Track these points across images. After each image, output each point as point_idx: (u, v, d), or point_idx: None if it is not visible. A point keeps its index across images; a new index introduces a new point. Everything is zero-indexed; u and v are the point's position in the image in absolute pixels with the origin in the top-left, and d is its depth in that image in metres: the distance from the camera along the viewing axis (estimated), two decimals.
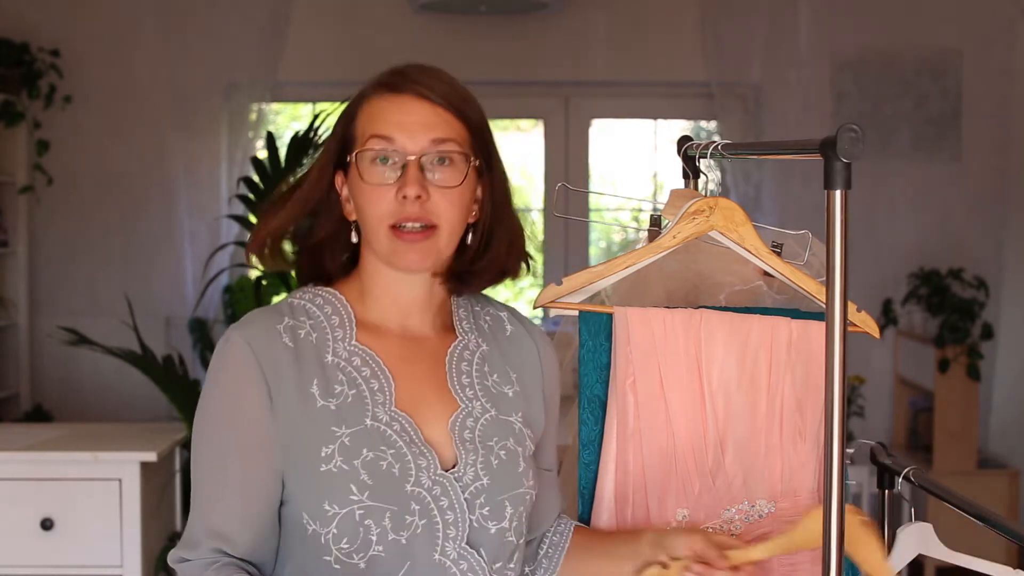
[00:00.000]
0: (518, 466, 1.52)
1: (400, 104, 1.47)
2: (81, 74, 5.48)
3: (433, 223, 1.45)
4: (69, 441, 3.62)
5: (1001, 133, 5.60)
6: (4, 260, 5.48)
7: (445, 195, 1.45)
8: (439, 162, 1.46)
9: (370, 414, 1.46)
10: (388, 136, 1.46)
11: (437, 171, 1.46)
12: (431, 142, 1.45)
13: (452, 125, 1.47)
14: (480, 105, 1.52)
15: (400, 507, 1.42)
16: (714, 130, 5.78)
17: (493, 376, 1.57)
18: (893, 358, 5.55)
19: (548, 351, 1.67)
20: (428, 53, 5.83)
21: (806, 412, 1.74)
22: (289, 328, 1.48)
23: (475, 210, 1.52)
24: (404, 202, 1.44)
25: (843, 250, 1.44)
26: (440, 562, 1.44)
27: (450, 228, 1.47)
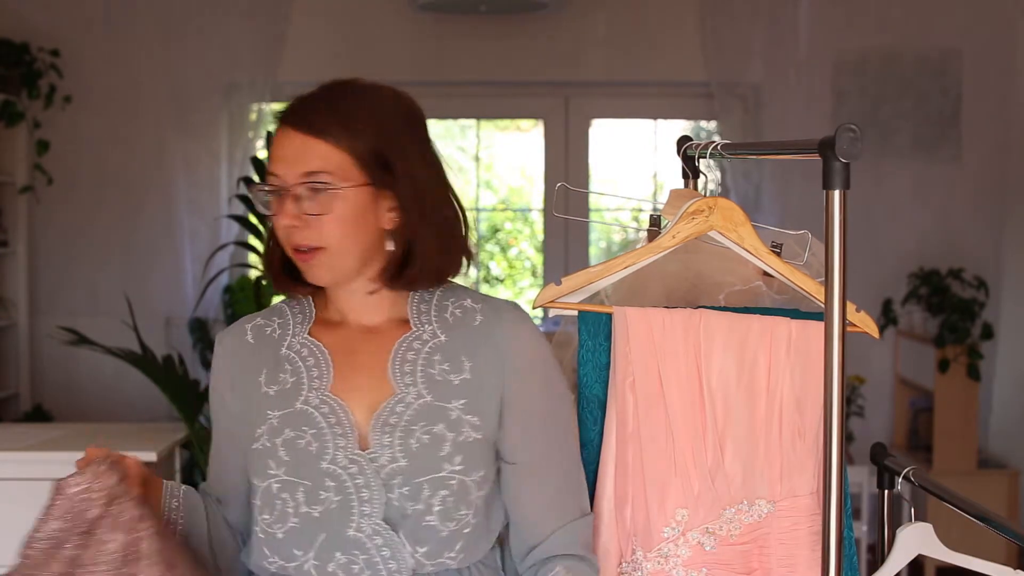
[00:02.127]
0: (440, 450, 1.58)
1: (281, 137, 1.60)
2: (81, 74, 5.48)
3: (314, 246, 1.58)
4: (69, 441, 3.62)
5: (1001, 133, 5.60)
6: (4, 260, 5.48)
7: (321, 220, 1.57)
8: (313, 191, 1.56)
9: (303, 398, 1.63)
10: (272, 171, 1.59)
11: (309, 200, 1.57)
12: (302, 175, 1.56)
13: (323, 153, 1.56)
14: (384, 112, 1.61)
15: (314, 483, 1.57)
16: (714, 130, 5.78)
17: (443, 365, 1.63)
18: (893, 358, 5.55)
19: (520, 344, 1.65)
20: (428, 53, 5.89)
21: (805, 412, 1.74)
22: (257, 327, 1.71)
23: (392, 218, 1.61)
24: (287, 230, 1.59)
25: (842, 250, 1.44)
26: (355, 537, 1.56)
27: (339, 247, 1.58)
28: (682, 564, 1.71)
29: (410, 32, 5.61)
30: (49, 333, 5.19)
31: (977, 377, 5.01)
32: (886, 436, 5.54)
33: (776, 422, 1.73)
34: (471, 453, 1.59)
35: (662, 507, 1.71)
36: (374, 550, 1.56)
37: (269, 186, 1.59)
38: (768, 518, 1.73)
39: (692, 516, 1.72)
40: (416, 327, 1.66)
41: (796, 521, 1.73)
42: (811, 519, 1.73)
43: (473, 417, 1.61)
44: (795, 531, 1.73)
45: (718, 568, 1.72)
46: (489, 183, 6.58)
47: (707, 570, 1.72)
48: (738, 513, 1.73)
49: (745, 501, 1.73)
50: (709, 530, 1.72)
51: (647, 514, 1.71)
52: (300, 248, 1.59)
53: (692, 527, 1.72)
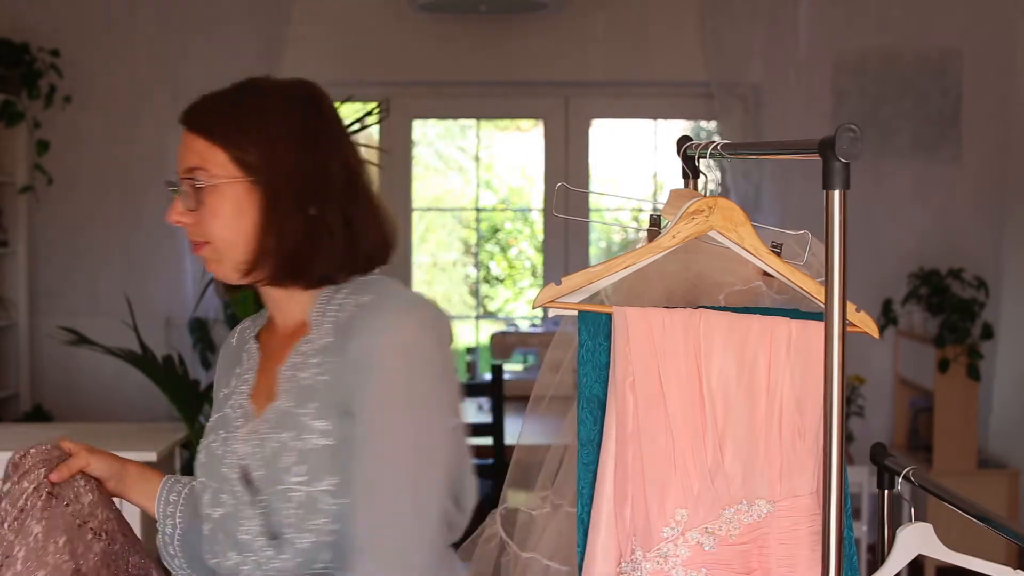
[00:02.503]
0: (283, 461, 1.55)
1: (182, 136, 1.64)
2: (81, 74, 5.48)
3: (202, 240, 1.61)
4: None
5: (1001, 133, 5.60)
6: (4, 260, 5.49)
7: (203, 216, 1.59)
8: (192, 187, 1.60)
9: (232, 402, 1.68)
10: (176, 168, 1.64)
11: (189, 196, 1.60)
12: (184, 171, 1.61)
13: (199, 150, 1.60)
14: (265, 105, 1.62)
15: (220, 486, 1.62)
16: (714, 130, 5.78)
17: (315, 368, 1.58)
18: (893, 358, 5.55)
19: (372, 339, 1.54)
20: (428, 53, 5.90)
21: (805, 412, 1.74)
22: (243, 329, 1.77)
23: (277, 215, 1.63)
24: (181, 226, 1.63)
25: (842, 250, 1.44)
26: (245, 542, 1.58)
27: (222, 241, 1.60)
28: (681, 564, 1.71)
29: (410, 32, 5.61)
30: (49, 333, 5.19)
31: (977, 377, 5.01)
32: (886, 436, 5.54)
33: (776, 422, 1.73)
34: (318, 461, 1.53)
35: (662, 507, 1.71)
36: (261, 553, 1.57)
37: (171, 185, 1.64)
38: (768, 518, 1.73)
39: (692, 516, 1.72)
40: (313, 329, 1.62)
41: (796, 521, 1.73)
42: (811, 519, 1.73)
43: (322, 422, 1.54)
44: (795, 531, 1.73)
45: (718, 568, 1.72)
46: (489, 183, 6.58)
47: (707, 570, 1.72)
48: (738, 513, 1.73)
49: (745, 501, 1.73)
50: (709, 530, 1.72)
51: (647, 514, 1.71)
52: (193, 243, 1.63)
53: (692, 527, 1.72)
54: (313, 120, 1.64)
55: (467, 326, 6.64)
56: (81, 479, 1.71)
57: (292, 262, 1.60)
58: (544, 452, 1.93)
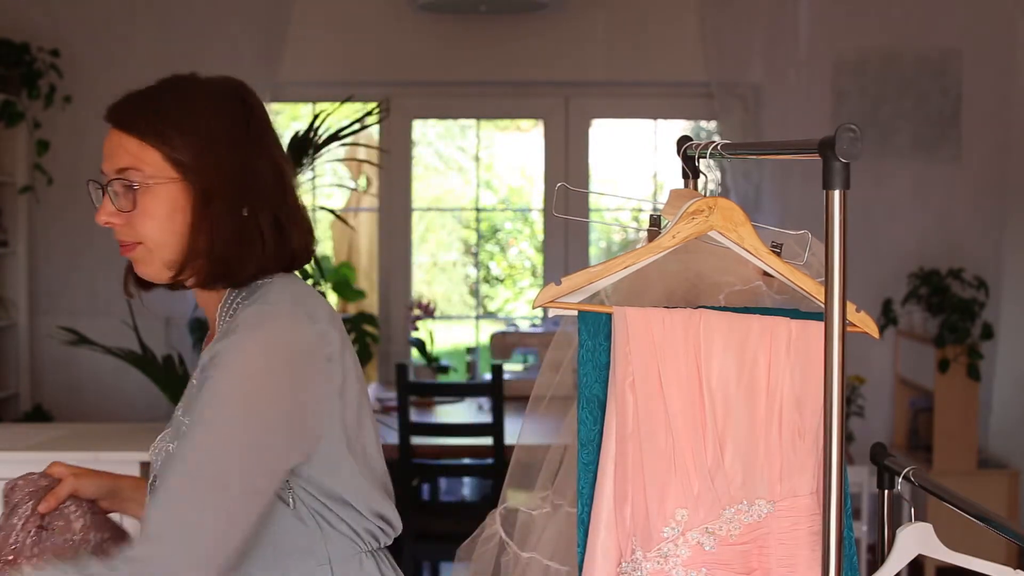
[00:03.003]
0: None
1: (107, 134, 1.60)
2: (81, 74, 5.48)
3: (133, 241, 1.59)
4: (69, 441, 3.62)
5: (1001, 133, 5.60)
6: (4, 260, 5.49)
7: (133, 216, 1.57)
8: (125, 187, 1.57)
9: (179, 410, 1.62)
10: (101, 168, 1.60)
11: (122, 196, 1.57)
12: (115, 171, 1.57)
13: (131, 150, 1.56)
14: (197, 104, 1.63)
15: None
16: (714, 130, 5.78)
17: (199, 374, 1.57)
18: (893, 358, 5.55)
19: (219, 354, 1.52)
20: (428, 53, 5.89)
21: (805, 412, 1.74)
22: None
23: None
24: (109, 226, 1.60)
25: (842, 250, 1.44)
26: None
27: (154, 241, 1.58)
28: (682, 564, 1.71)
29: (410, 32, 5.61)
30: (49, 333, 5.19)
31: (977, 377, 5.01)
32: (886, 436, 5.54)
33: (776, 422, 1.73)
34: None
35: (662, 507, 1.71)
36: None
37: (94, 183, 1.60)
38: (768, 518, 1.73)
39: (692, 516, 1.72)
40: (218, 333, 1.60)
41: (796, 521, 1.73)
42: (811, 519, 1.73)
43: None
44: (795, 531, 1.73)
45: (718, 568, 1.72)
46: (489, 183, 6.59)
47: (707, 570, 1.72)
48: (738, 513, 1.73)
49: (745, 501, 1.73)
50: (709, 530, 1.72)
51: (647, 514, 1.71)
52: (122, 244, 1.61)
53: (692, 527, 1.72)
54: (243, 119, 1.64)
55: (467, 326, 6.64)
56: (71, 504, 1.68)
57: (223, 263, 1.58)
58: (544, 452, 1.93)
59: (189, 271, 1.59)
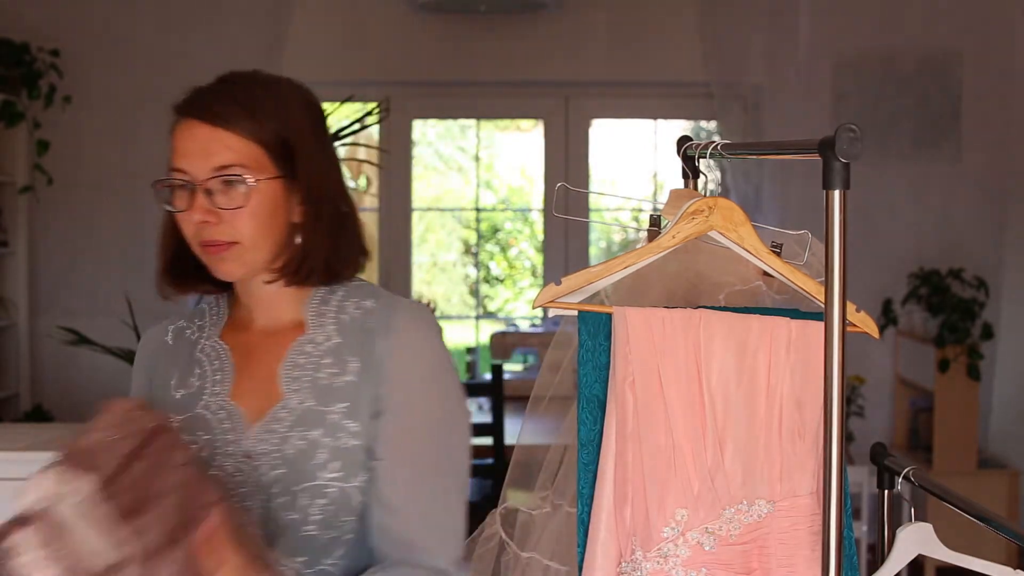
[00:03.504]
0: (313, 458, 1.54)
1: (187, 130, 1.55)
2: (81, 74, 5.48)
3: (229, 241, 1.54)
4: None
5: (1001, 133, 5.60)
6: (4, 260, 5.49)
7: (235, 214, 1.53)
8: (225, 185, 1.52)
9: (203, 402, 1.60)
10: (178, 167, 1.54)
11: (223, 194, 1.52)
12: (214, 169, 1.52)
13: (235, 147, 1.53)
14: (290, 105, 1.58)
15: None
16: (714, 130, 5.78)
17: (331, 368, 1.58)
18: (893, 358, 5.55)
19: (403, 344, 1.58)
20: (428, 53, 5.89)
21: (805, 412, 1.74)
22: (178, 328, 1.72)
23: (297, 212, 1.58)
24: (198, 225, 1.54)
25: (842, 250, 1.44)
26: None
27: (252, 240, 1.55)
28: (682, 564, 1.71)
29: (410, 32, 5.61)
30: (49, 333, 5.19)
31: (977, 377, 5.01)
32: (886, 436, 5.54)
33: (776, 422, 1.73)
34: (350, 459, 1.54)
35: (662, 507, 1.71)
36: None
37: (178, 181, 1.53)
38: (768, 518, 1.73)
39: (692, 516, 1.72)
40: (311, 329, 1.61)
41: (796, 521, 1.73)
42: (811, 519, 1.73)
43: (353, 423, 1.56)
44: (795, 531, 1.73)
45: (718, 568, 1.72)
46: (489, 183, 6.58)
47: (707, 570, 1.72)
48: (738, 513, 1.73)
49: (745, 501, 1.73)
50: (709, 530, 1.72)
51: (647, 514, 1.71)
52: (213, 243, 1.54)
53: (692, 527, 1.72)
54: (323, 121, 1.64)
55: (467, 326, 6.64)
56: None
57: (324, 261, 1.59)
58: (544, 452, 1.93)
59: (282, 269, 1.58)
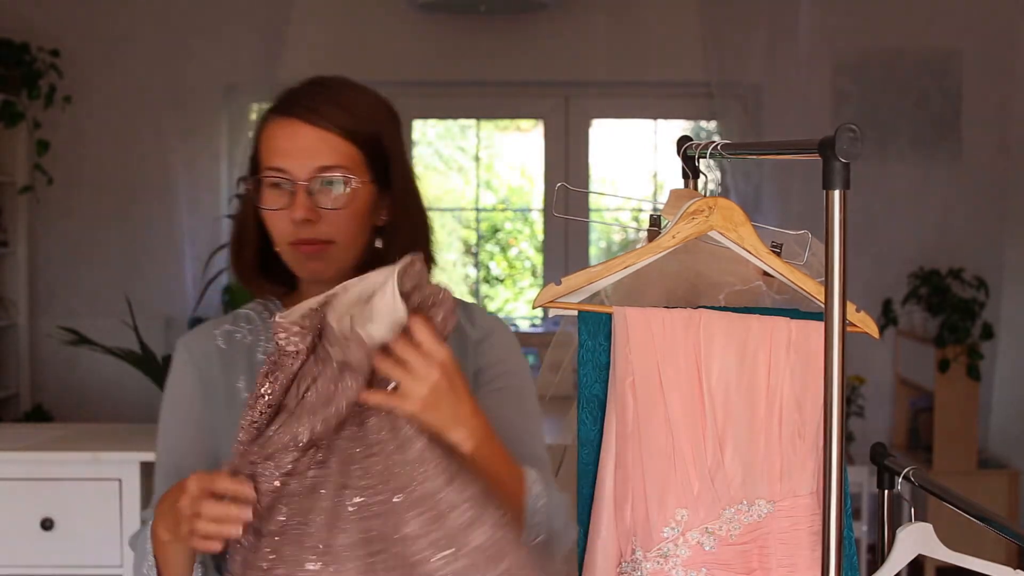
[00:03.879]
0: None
1: (289, 129, 1.56)
2: (81, 74, 5.48)
3: (325, 240, 1.55)
4: (69, 441, 3.62)
5: (1001, 133, 5.60)
6: (4, 260, 5.49)
7: (335, 215, 1.54)
8: (326, 185, 1.54)
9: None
10: (279, 166, 1.55)
11: (325, 194, 1.54)
12: (317, 169, 1.54)
13: (339, 149, 1.55)
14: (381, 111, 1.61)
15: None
16: (714, 130, 5.78)
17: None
18: (893, 358, 5.55)
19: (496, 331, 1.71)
20: (428, 53, 5.89)
21: (805, 412, 1.74)
22: (225, 332, 1.67)
23: (382, 216, 1.61)
24: (297, 225, 1.54)
25: (842, 250, 1.44)
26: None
27: (345, 241, 1.57)
28: (682, 564, 1.71)
29: (410, 32, 5.61)
30: (49, 333, 5.19)
31: (977, 377, 5.01)
32: (886, 436, 5.54)
33: (776, 422, 1.73)
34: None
35: (662, 507, 1.71)
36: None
37: (279, 179, 1.55)
38: (768, 518, 1.73)
39: (692, 516, 1.72)
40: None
41: (796, 521, 1.73)
42: (811, 519, 1.73)
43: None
44: (795, 531, 1.73)
45: (718, 568, 1.72)
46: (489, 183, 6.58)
47: (707, 570, 1.72)
48: (738, 513, 1.73)
49: (745, 501, 1.73)
50: (709, 530, 1.72)
51: (647, 514, 1.71)
52: (309, 242, 1.55)
53: (692, 527, 1.72)
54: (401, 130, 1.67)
55: None
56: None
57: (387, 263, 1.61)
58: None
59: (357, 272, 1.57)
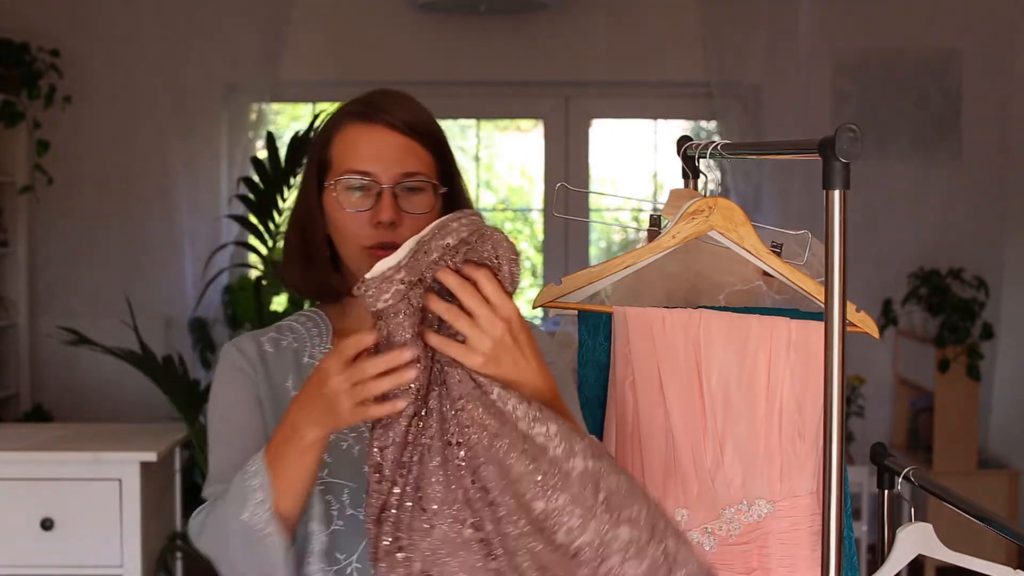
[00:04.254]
0: None
1: (372, 135, 1.60)
2: (81, 74, 5.48)
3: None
4: (69, 441, 3.62)
5: (1001, 133, 5.60)
6: (4, 260, 5.48)
7: (417, 220, 1.57)
8: (409, 191, 1.59)
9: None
10: (363, 169, 1.59)
11: (408, 199, 1.59)
12: (402, 174, 1.59)
13: (421, 155, 1.60)
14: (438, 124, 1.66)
15: (359, 485, 1.51)
16: (714, 130, 5.78)
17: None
18: (893, 358, 5.55)
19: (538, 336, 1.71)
20: (428, 53, 5.88)
21: (805, 412, 1.74)
22: (272, 339, 1.68)
23: None
24: (378, 227, 1.57)
25: (842, 250, 1.44)
26: None
27: None
28: None
29: (410, 32, 5.61)
30: (49, 333, 5.19)
31: (977, 377, 5.01)
32: (886, 436, 5.54)
33: (776, 422, 1.73)
34: None
35: None
36: None
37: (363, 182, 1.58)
38: (768, 518, 1.73)
39: (692, 516, 1.72)
40: None
41: (796, 521, 1.73)
42: (811, 519, 1.73)
43: None
44: (795, 531, 1.73)
45: (718, 568, 1.72)
46: (489, 183, 6.58)
47: None
48: (738, 513, 1.73)
49: (745, 501, 1.73)
50: (709, 530, 1.72)
51: None
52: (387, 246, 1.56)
53: (692, 527, 1.72)
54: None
55: None
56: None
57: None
58: None
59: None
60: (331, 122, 1.65)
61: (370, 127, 1.60)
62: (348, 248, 1.61)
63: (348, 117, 1.63)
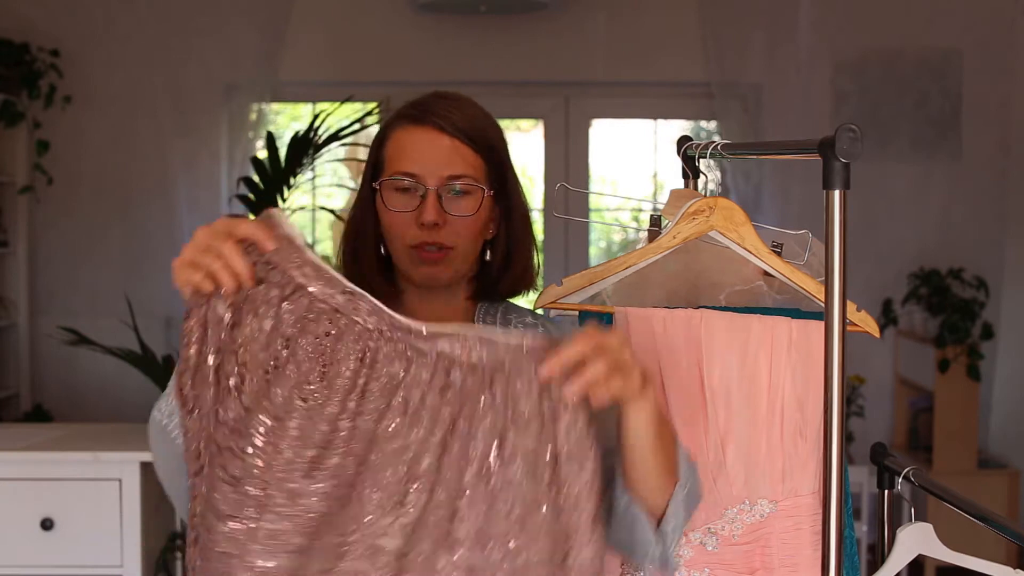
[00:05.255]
0: None
1: (422, 137, 1.61)
2: (81, 74, 5.48)
3: (449, 245, 1.60)
4: (69, 441, 3.62)
5: (1001, 133, 5.60)
6: (4, 260, 5.48)
7: (461, 222, 1.60)
8: (456, 193, 1.60)
9: None
10: (410, 171, 1.60)
11: (454, 201, 1.60)
12: (448, 177, 1.60)
13: (468, 159, 1.61)
14: (498, 128, 1.66)
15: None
16: (714, 130, 5.78)
17: None
18: (893, 358, 5.55)
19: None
20: (428, 53, 5.88)
21: (807, 411, 1.74)
22: None
23: (491, 228, 1.66)
24: (423, 228, 1.59)
25: (842, 250, 1.44)
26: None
27: (464, 250, 1.62)
28: (685, 564, 1.71)
29: (410, 32, 5.61)
30: (49, 333, 5.19)
31: (977, 377, 5.01)
32: (886, 436, 5.54)
33: (777, 422, 1.73)
34: None
35: None
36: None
37: (409, 183, 1.60)
38: (770, 518, 1.73)
39: (694, 516, 1.72)
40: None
41: (798, 521, 1.73)
42: (813, 519, 1.73)
43: None
44: (797, 531, 1.73)
45: (720, 568, 1.72)
46: None
47: (709, 570, 1.72)
48: (740, 513, 1.73)
49: (747, 501, 1.73)
50: (711, 530, 1.72)
51: None
52: (431, 247, 1.59)
53: (694, 527, 1.72)
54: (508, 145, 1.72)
55: None
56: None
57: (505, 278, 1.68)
58: None
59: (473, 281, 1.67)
60: (387, 124, 1.68)
61: (420, 129, 1.61)
62: (395, 247, 1.63)
63: (401, 119, 1.65)
